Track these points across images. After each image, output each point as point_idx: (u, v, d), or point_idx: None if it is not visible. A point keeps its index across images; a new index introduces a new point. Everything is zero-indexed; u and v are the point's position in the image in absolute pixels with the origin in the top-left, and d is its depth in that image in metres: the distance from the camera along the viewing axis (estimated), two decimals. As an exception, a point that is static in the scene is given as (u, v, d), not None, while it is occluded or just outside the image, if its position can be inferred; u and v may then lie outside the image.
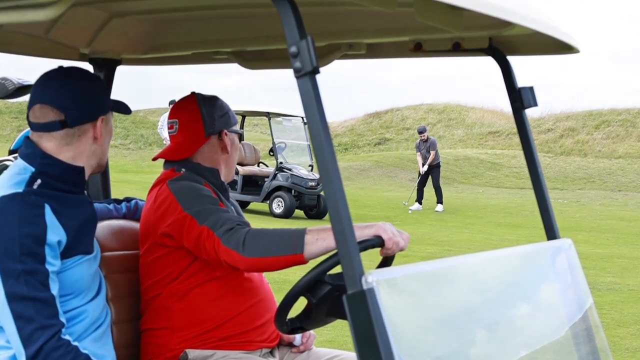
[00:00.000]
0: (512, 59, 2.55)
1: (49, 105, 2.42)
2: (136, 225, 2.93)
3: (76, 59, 3.08)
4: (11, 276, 2.24)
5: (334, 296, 2.41)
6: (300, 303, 2.45)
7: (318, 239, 2.40)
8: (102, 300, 2.55)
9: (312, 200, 17.19)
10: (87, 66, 3.10)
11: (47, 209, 2.32)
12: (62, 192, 2.42)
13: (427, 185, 20.01)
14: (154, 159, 2.97)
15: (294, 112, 18.00)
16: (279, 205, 17.00)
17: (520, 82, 2.55)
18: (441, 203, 20.04)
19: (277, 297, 2.84)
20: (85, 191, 2.54)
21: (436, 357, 1.92)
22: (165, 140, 18.22)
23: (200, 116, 2.87)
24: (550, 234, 2.56)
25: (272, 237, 2.47)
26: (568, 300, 2.54)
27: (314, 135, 1.67)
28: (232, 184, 16.94)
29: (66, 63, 2.57)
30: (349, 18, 2.60)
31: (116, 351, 2.58)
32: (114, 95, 2.79)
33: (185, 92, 2.95)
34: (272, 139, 18.02)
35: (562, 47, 2.44)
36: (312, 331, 2.99)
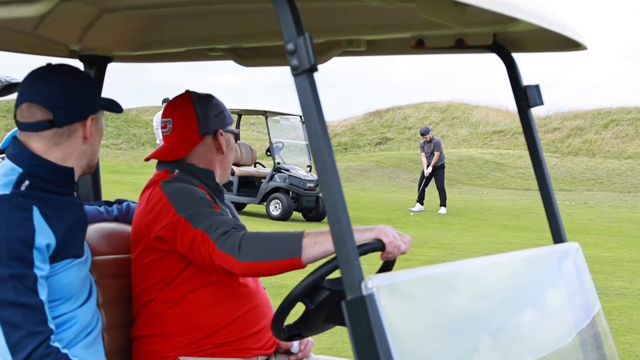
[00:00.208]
0: (517, 56, 2.56)
1: (37, 104, 2.42)
2: (128, 228, 2.93)
3: (66, 56, 3.08)
4: (-2, 281, 2.24)
5: (332, 302, 2.41)
6: (298, 309, 2.45)
7: (316, 242, 2.40)
8: (93, 305, 2.55)
9: (310, 202, 17.20)
10: (77, 63, 3.10)
11: (36, 211, 2.32)
12: (51, 193, 2.42)
13: (430, 186, 20.00)
14: (147, 159, 2.97)
15: (292, 110, 17.99)
16: (276, 207, 17.00)
17: (525, 79, 2.55)
18: (444, 205, 20.01)
19: (274, 302, 2.84)
20: (75, 193, 2.54)
21: (439, 365, 1.92)
22: (160, 141, 18.22)
23: (194, 115, 2.87)
24: (557, 237, 2.56)
25: (268, 241, 2.46)
26: (575, 306, 2.54)
27: (312, 135, 1.67)
28: (227, 185, 16.93)
29: (55, 60, 2.57)
30: (348, 14, 2.60)
31: (107, 359, 2.58)
32: (104, 94, 2.79)
33: (179, 90, 2.95)
34: (269, 138, 18.01)
35: (569, 44, 2.44)
36: (310, 338, 3.00)
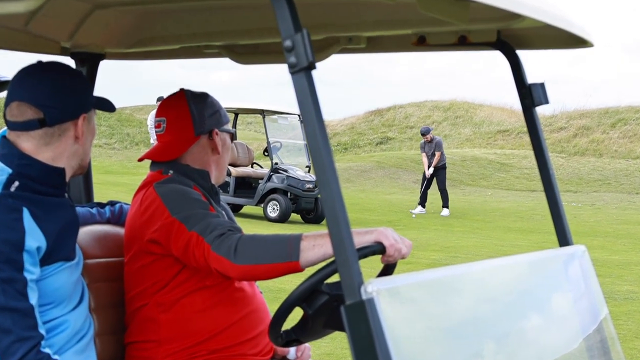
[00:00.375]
0: (521, 54, 2.56)
1: (27, 103, 2.42)
2: (121, 230, 2.93)
3: (57, 53, 3.08)
4: (-13, 285, 2.24)
5: (331, 307, 2.41)
6: (296, 314, 2.45)
7: (315, 245, 2.40)
8: (85, 310, 2.55)
9: (309, 203, 17.20)
10: (69, 61, 3.10)
11: (26, 213, 2.32)
12: (42, 194, 2.42)
13: (432, 188, 20.01)
14: (140, 159, 2.97)
15: (290, 109, 17.99)
16: (274, 208, 17.00)
17: (530, 77, 2.55)
18: (447, 207, 20.02)
19: (271, 307, 2.84)
20: (66, 194, 2.54)
21: (441, 372, 1.92)
22: (154, 141, 18.21)
23: (189, 114, 2.87)
24: (563, 239, 2.56)
25: (265, 244, 2.46)
26: (582, 311, 2.54)
27: (310, 134, 1.67)
28: (224, 186, 16.94)
29: (46, 58, 2.56)
30: (348, 10, 2.60)
31: (99, 365, 2.58)
32: (97, 92, 2.78)
33: (174, 89, 2.95)
34: (267, 138, 18.02)
35: (574, 41, 2.44)
36: (307, 344, 3.00)
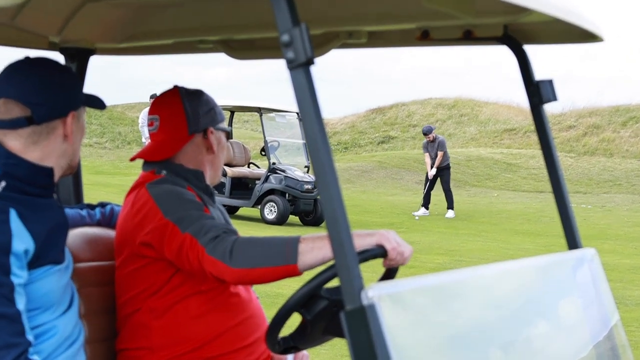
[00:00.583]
0: (529, 49, 2.55)
1: (14, 100, 2.42)
2: (112, 233, 2.92)
3: (45, 49, 3.08)
4: (-29, 290, 2.24)
5: (331, 312, 2.41)
6: (294, 320, 2.45)
7: (314, 248, 2.40)
8: (75, 315, 2.54)
9: (308, 205, 17.21)
10: (58, 56, 3.10)
11: (13, 214, 2.31)
12: (29, 195, 2.41)
13: (436, 189, 20.03)
14: (132, 159, 2.97)
15: (289, 107, 17.99)
16: (271, 210, 17.01)
17: (538, 74, 2.55)
18: (452, 208, 20.06)
19: (268, 312, 2.84)
20: (55, 195, 2.54)
21: (444, 381, 1.91)
22: (147, 139, 18.23)
23: (183, 112, 2.87)
24: (572, 243, 2.56)
25: (262, 246, 2.46)
26: (592, 317, 2.54)
27: (309, 133, 1.67)
28: (219, 187, 16.94)
29: (34, 53, 2.56)
30: (348, 3, 2.60)
31: (89, 373, 2.58)
32: (87, 89, 2.78)
33: (168, 86, 2.95)
34: (264, 137, 18.02)
35: (584, 36, 2.44)
36: (305, 351, 2.99)
